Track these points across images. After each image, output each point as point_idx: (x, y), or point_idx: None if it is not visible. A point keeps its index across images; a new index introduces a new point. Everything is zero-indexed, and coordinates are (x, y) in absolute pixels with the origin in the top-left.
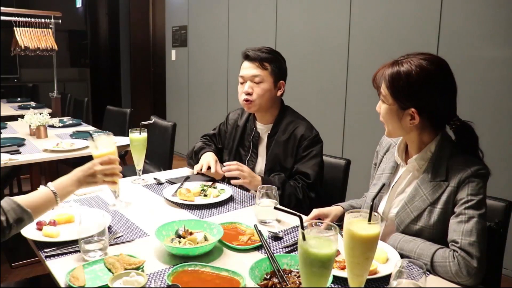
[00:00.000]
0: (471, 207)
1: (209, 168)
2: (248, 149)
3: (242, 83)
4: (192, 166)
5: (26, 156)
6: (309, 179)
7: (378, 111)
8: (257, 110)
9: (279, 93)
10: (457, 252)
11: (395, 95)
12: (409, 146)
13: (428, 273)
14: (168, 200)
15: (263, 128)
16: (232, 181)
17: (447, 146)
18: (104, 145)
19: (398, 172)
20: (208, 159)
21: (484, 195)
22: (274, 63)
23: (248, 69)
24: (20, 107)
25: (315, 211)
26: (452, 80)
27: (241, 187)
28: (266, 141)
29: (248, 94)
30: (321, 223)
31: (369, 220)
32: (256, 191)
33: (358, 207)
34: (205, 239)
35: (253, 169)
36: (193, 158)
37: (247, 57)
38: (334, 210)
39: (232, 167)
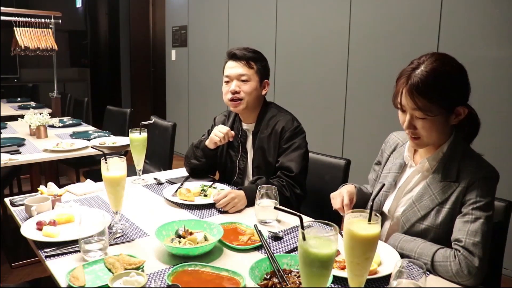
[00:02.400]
0: (478, 208)
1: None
2: (238, 150)
3: (227, 82)
4: (191, 165)
5: (26, 156)
6: (291, 172)
7: (410, 130)
8: (244, 108)
9: (264, 92)
10: (460, 251)
11: (439, 101)
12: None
13: (428, 273)
14: (168, 200)
15: (248, 128)
16: (230, 211)
17: (459, 146)
18: (115, 168)
19: (405, 172)
20: (219, 128)
21: (493, 197)
22: (259, 62)
23: (234, 68)
24: (20, 107)
25: (347, 198)
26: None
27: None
28: (251, 139)
29: (236, 93)
30: (320, 223)
31: (369, 220)
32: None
33: (367, 192)
34: (205, 239)
35: (244, 168)
36: (195, 152)
37: (233, 56)
38: (350, 191)
39: (223, 201)
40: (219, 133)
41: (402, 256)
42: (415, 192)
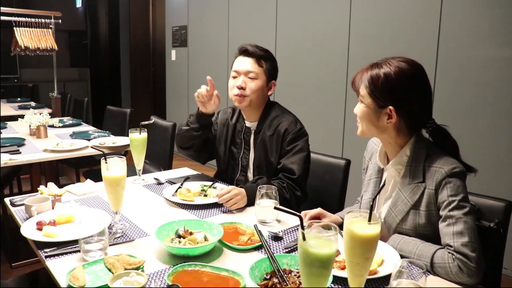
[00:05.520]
0: (455, 208)
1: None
2: (240, 146)
3: (234, 77)
4: (181, 132)
5: (26, 156)
6: (293, 174)
7: (356, 113)
8: (248, 106)
9: (269, 92)
10: (454, 255)
11: (374, 94)
12: (387, 150)
13: (428, 273)
14: (168, 200)
15: (250, 126)
16: (231, 208)
17: (423, 147)
18: (115, 168)
19: (383, 177)
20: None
21: (465, 192)
22: (269, 62)
23: (244, 63)
24: (20, 107)
25: (319, 209)
26: (427, 83)
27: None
28: (253, 137)
29: (241, 88)
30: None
31: (369, 220)
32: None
33: None
34: (205, 239)
35: (246, 165)
36: (188, 118)
37: (244, 52)
38: (333, 216)
39: (226, 196)
40: (201, 90)
41: (402, 257)
42: (391, 198)
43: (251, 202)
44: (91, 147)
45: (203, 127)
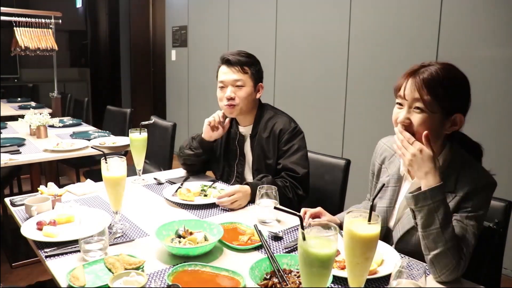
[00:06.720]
0: (472, 218)
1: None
2: (236, 154)
3: (222, 88)
4: (184, 155)
5: (26, 156)
6: (297, 173)
7: (404, 122)
8: (239, 114)
9: (258, 95)
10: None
11: (443, 100)
12: None
13: (428, 273)
14: (168, 200)
15: (245, 131)
16: (234, 207)
17: (457, 156)
18: (115, 168)
19: (403, 186)
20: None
21: (487, 208)
22: (253, 66)
23: (228, 73)
24: (20, 107)
25: (319, 208)
26: None
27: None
28: (249, 142)
29: (231, 99)
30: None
31: (369, 220)
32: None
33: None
34: (205, 239)
35: (242, 172)
36: (191, 142)
37: (227, 62)
38: (332, 218)
39: (225, 200)
40: (216, 115)
41: (403, 252)
42: None
43: (254, 199)
44: (91, 147)
45: (206, 151)
